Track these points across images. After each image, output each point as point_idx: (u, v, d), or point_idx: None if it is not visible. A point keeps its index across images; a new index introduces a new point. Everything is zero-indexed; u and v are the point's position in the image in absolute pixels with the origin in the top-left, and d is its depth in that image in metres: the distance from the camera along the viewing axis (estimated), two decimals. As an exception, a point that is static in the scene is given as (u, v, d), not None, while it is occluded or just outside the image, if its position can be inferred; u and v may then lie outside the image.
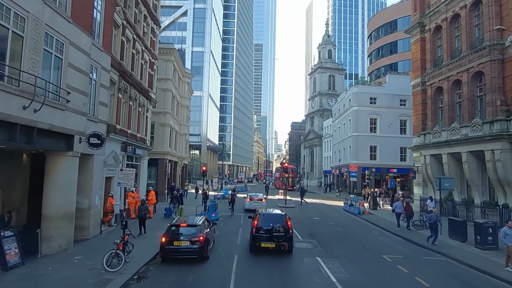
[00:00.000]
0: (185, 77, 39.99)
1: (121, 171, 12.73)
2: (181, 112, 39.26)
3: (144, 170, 23.68)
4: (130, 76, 19.94)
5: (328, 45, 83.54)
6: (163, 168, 31.49)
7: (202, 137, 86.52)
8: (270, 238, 13.25)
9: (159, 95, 31.95)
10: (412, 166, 49.10)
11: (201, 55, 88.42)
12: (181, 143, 39.33)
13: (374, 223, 22.56)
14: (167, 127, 31.91)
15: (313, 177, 79.63)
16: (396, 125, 48.97)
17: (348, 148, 51.80)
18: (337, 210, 30.12)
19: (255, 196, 27.34)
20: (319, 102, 79.35)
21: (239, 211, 26.87)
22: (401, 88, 49.18)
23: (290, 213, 25.45)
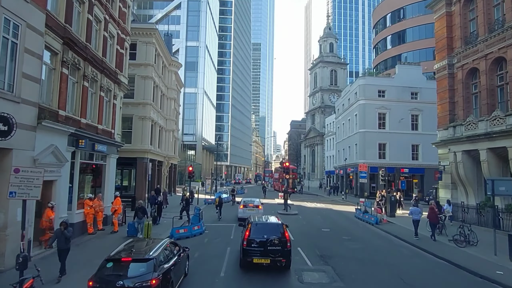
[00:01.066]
0: (172, 66, 35.30)
1: (16, 173, 7.93)
2: (167, 105, 34.57)
3: (110, 172, 18.98)
4: (85, 49, 15.24)
5: (329, 38, 79.00)
6: (142, 168, 26.78)
7: (197, 136, 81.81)
8: (264, 252, 11.23)
9: (138, 83, 27.33)
10: (425, 165, 45.10)
11: (195, 49, 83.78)
12: (167, 140, 34.64)
13: (400, 237, 17.88)
14: (147, 120, 27.22)
15: (315, 177, 75.01)
16: (407, 120, 44.44)
17: (354, 146, 47.19)
18: (348, 217, 25.43)
19: (250, 202, 22.62)
20: (320, 99, 74.79)
21: (231, 220, 22.18)
22: (412, 79, 44.81)
23: (293, 222, 20.92)
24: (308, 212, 27.61)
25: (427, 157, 43.67)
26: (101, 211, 17.03)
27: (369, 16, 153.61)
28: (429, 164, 43.75)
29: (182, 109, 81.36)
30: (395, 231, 19.20)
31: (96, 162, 17.81)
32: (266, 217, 14.07)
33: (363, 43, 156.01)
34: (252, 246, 11.37)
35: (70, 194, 15.16)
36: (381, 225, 21.15)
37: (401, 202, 25.94)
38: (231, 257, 13.38)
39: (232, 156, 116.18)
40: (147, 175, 26.97)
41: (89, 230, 16.08)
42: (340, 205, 34.00)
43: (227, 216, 24.51)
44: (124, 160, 26.66)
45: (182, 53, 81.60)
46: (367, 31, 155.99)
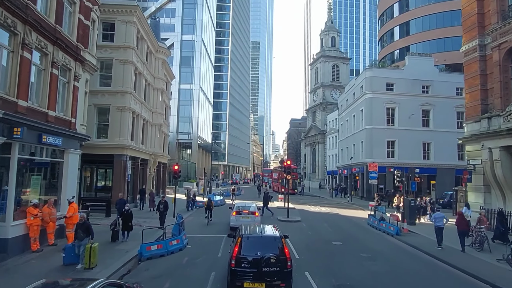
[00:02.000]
0: (160, 53, 31.54)
1: None
2: (153, 97, 30.82)
3: (70, 171, 15.20)
4: (24, 9, 11.49)
5: (331, 31, 75.32)
6: (121, 167, 23.04)
7: (192, 135, 78.06)
8: (258, 275, 8.96)
9: (117, 68, 23.60)
10: (437, 165, 41.42)
11: (191, 44, 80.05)
12: (153, 136, 30.89)
13: (432, 254, 14.16)
14: (126, 111, 23.47)
15: (315, 178, 71.33)
16: (418, 116, 40.81)
17: (360, 144, 43.53)
18: (360, 225, 21.71)
19: (245, 207, 18.82)
20: (321, 95, 71.09)
21: (222, 229, 18.45)
22: (423, 72, 41.24)
23: (296, 232, 17.25)
24: (312, 218, 23.86)
25: (439, 156, 40.17)
26: (53, 221, 13.29)
27: (370, 13, 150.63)
28: (441, 164, 40.21)
29: (177, 106, 78.08)
30: (424, 245, 15.48)
31: (46, 159, 14.05)
32: (261, 228, 10.91)
33: (364, 40, 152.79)
34: (242, 266, 9.07)
35: (4, 200, 11.44)
36: (402, 236, 17.46)
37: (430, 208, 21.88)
38: (216, 286, 9.72)
39: (230, 155, 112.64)
40: (126, 174, 23.24)
41: (32, 247, 12.33)
42: (347, 209, 30.30)
43: (219, 223, 20.81)
44: (100, 157, 23.07)
45: (177, 47, 78.16)
46: (368, 28, 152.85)
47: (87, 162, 23.46)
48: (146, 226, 18.91)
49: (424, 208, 20.47)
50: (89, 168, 23.93)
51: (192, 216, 23.79)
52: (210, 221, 20.86)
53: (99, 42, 23.71)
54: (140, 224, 19.59)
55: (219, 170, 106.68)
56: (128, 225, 15.06)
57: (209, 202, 21.42)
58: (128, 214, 15.04)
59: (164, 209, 18.08)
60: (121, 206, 16.41)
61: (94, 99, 23.28)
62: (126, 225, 15.01)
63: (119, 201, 17.77)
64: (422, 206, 21.15)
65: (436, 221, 15.89)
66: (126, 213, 15.03)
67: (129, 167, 23.23)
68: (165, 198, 18.71)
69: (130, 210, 15.36)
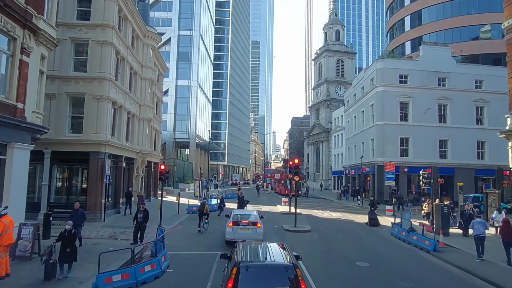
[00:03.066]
0: (148, 38, 28.00)
1: None
2: (140, 87, 27.27)
3: (16, 171, 11.67)
4: None
5: (335, 24, 71.78)
6: (97, 167, 19.49)
7: (190, 134, 74.60)
8: None
9: (93, 51, 20.07)
10: (455, 165, 37.60)
11: (188, 39, 76.66)
12: (140, 132, 27.34)
13: (494, 282, 10.58)
14: (104, 101, 19.91)
15: (319, 178, 67.76)
16: (434, 111, 37.28)
17: (370, 142, 39.97)
18: (383, 236, 18.07)
19: (244, 216, 15.22)
20: (325, 91, 67.56)
21: (215, 244, 14.91)
22: (439, 62, 37.76)
23: (307, 246, 13.74)
24: (324, 227, 20.24)
25: (457, 155, 36.64)
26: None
27: (373, 10, 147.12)
28: (460, 164, 36.61)
29: (174, 103, 74.73)
30: (479, 268, 11.90)
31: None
32: (266, 249, 7.87)
33: (367, 38, 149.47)
34: None
35: None
36: (442, 253, 13.88)
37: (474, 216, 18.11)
38: None
39: (230, 155, 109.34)
40: (105, 175, 19.69)
41: None
42: (360, 215, 26.69)
43: (214, 233, 17.35)
44: (73, 155, 19.58)
45: (174, 43, 74.96)
46: (371, 25, 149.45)
47: (58, 160, 20.00)
48: (123, 239, 15.41)
49: (471, 217, 16.78)
50: (61, 167, 20.38)
51: (182, 225, 20.25)
52: (205, 230, 17.86)
53: (72, 20, 20.31)
54: (117, 236, 16.10)
55: (219, 170, 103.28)
56: (68, 254, 9.92)
57: (202, 207, 18.14)
58: (68, 237, 10.13)
59: (144, 220, 14.49)
60: (77, 219, 12.78)
61: (66, 86, 19.80)
62: (65, 254, 9.89)
63: (74, 213, 13.46)
64: (469, 215, 17.35)
65: (475, 229, 13.06)
66: (67, 235, 10.15)
67: (108, 167, 19.67)
68: (145, 206, 15.11)
69: (74, 230, 10.49)
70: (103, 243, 14.47)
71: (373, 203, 22.88)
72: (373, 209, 22.24)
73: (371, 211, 22.14)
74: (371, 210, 22.29)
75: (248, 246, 8.07)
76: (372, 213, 22.01)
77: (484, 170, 37.19)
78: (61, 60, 19.84)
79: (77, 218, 12.80)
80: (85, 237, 15.46)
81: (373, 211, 22.10)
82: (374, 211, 22.14)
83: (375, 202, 23.36)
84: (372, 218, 21.57)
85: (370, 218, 21.64)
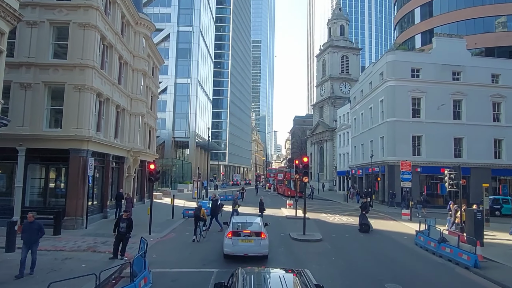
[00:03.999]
0: (141, 26, 25.61)
1: None
2: (132, 79, 24.90)
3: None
4: None
5: (340, 19, 69.38)
6: (79, 166, 17.11)
7: (190, 132, 72.29)
8: None
9: (74, 35, 17.73)
10: (471, 164, 34.65)
11: (188, 35, 74.36)
12: (132, 128, 24.95)
13: None
14: (87, 92, 17.54)
15: (323, 179, 65.31)
16: (448, 107, 34.88)
17: (379, 140, 37.55)
18: (407, 247, 15.45)
19: (245, 225, 12.76)
20: (329, 88, 65.14)
21: (211, 258, 12.51)
22: (453, 55, 35.44)
23: (321, 260, 11.47)
24: (336, 235, 17.79)
25: (473, 154, 34.25)
26: None
27: (376, 8, 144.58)
28: (476, 163, 34.13)
29: (173, 101, 72.40)
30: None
31: None
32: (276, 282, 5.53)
33: (369, 35, 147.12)
34: None
35: None
36: (485, 270, 11.46)
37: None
38: None
39: (231, 155, 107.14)
40: (87, 176, 17.31)
41: None
42: (373, 219, 24.03)
43: (210, 242, 14.92)
44: (52, 153, 17.26)
45: (173, 39, 72.77)
46: (374, 24, 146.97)
47: (35, 159, 17.66)
48: (102, 251, 13.03)
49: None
50: (38, 167, 18.02)
51: (176, 232, 17.86)
52: (203, 238, 15.86)
53: (51, 0, 17.96)
54: (96, 247, 13.73)
55: (219, 170, 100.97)
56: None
57: (198, 211, 15.94)
58: None
59: (127, 230, 12.05)
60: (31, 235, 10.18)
61: (44, 75, 17.45)
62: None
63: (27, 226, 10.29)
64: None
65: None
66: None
67: (91, 166, 17.29)
68: (129, 214, 12.69)
69: None
70: (76, 257, 12.10)
71: (364, 206, 20.05)
72: (364, 213, 19.60)
73: (362, 215, 19.45)
74: (362, 213, 19.61)
75: (251, 278, 5.70)
76: (363, 217, 19.28)
77: (501, 170, 34.86)
78: (38, 45, 17.49)
79: (31, 233, 10.18)
80: (58, 249, 13.13)
81: (364, 215, 19.42)
82: (365, 215, 19.48)
83: (367, 204, 20.48)
84: (363, 223, 18.97)
85: (361, 223, 19.07)
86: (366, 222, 19.18)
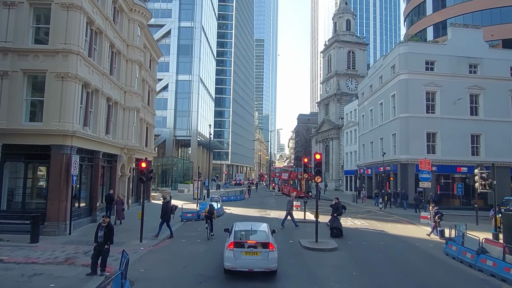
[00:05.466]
0: (135, 13, 23.62)
1: None
2: (126, 70, 22.92)
3: None
4: None
5: (346, 13, 67.22)
6: (61, 165, 15.15)
7: (191, 131, 70.42)
8: None
9: (57, 17, 15.79)
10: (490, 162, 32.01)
11: (189, 31, 72.50)
12: (126, 123, 22.97)
13: None
14: (71, 81, 15.57)
15: (329, 178, 63.19)
16: (465, 102, 32.71)
17: (391, 138, 35.40)
18: (436, 258, 13.28)
19: (251, 234, 10.74)
20: (335, 85, 62.96)
21: (210, 277, 10.44)
22: (470, 47, 33.34)
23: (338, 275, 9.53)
24: (353, 242, 15.67)
25: (491, 152, 31.97)
26: None
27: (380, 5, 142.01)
28: (495, 161, 31.75)
29: (174, 99, 70.53)
30: None
31: None
32: None
33: (374, 33, 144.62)
34: None
35: None
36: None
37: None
38: None
39: (233, 154, 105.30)
40: (71, 176, 15.34)
41: None
42: (390, 223, 22.19)
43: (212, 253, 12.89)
44: (31, 149, 15.35)
45: (174, 35, 70.99)
46: (379, 20, 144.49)
47: (13, 156, 15.72)
48: (83, 264, 11.04)
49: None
50: (16, 165, 16.06)
51: (171, 239, 15.83)
52: (212, 235, 16.05)
53: (31, -22, 15.98)
54: (76, 258, 11.74)
55: (222, 169, 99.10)
56: None
57: (211, 209, 16.26)
58: None
59: (105, 241, 10.00)
60: None
61: (22, 62, 15.51)
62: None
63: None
64: None
65: None
66: None
67: (75, 164, 15.31)
68: (109, 219, 10.71)
69: None
70: (48, 272, 10.11)
71: (336, 208, 17.54)
72: (336, 215, 17.21)
73: (333, 218, 17.10)
74: (333, 216, 17.25)
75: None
76: (335, 220, 17.01)
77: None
78: (17, 29, 15.55)
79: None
80: (29, 261, 11.17)
81: (336, 218, 17.13)
82: (337, 218, 17.16)
83: (339, 206, 17.73)
84: (334, 228, 16.71)
85: (332, 227, 16.81)
86: (338, 226, 16.70)
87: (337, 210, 17.46)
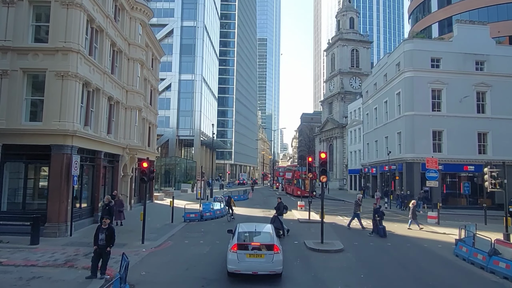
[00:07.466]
0: (136, 11, 23.38)
1: None
2: (127, 69, 22.67)
3: None
4: None
5: (349, 11, 66.65)
6: (61, 165, 14.91)
7: (194, 130, 70.21)
8: None
9: (57, 15, 15.53)
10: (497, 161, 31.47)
11: (192, 30, 72.25)
12: (127, 123, 22.74)
13: None
14: (71, 80, 15.33)
15: (333, 177, 62.70)
16: (471, 99, 32.17)
17: (396, 136, 34.93)
18: (446, 259, 13.00)
19: (255, 236, 10.45)
20: (339, 83, 62.46)
21: (212, 280, 10.11)
22: (476, 44, 32.74)
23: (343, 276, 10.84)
24: (359, 243, 15.28)
25: (498, 150, 31.41)
26: None
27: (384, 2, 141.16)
28: (502, 160, 31.32)
29: (177, 99, 70.36)
30: None
31: None
32: None
33: (378, 31, 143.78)
34: None
35: None
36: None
37: None
38: None
39: (237, 154, 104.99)
40: (71, 176, 15.10)
41: None
42: (395, 223, 21.85)
43: (214, 256, 12.56)
44: (31, 149, 15.11)
45: (176, 34, 70.79)
46: (382, 18, 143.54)
47: (13, 156, 15.51)
48: (83, 266, 10.77)
49: None
50: (16, 166, 15.86)
51: (173, 240, 15.54)
52: (233, 218, 21.36)
53: (30, -25, 15.75)
54: (77, 260, 11.47)
55: (225, 169, 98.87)
56: None
57: (229, 199, 22.11)
58: None
59: (107, 243, 9.70)
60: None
61: (22, 61, 15.29)
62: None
63: None
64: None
65: None
66: None
67: (76, 164, 15.08)
68: (109, 220, 10.43)
69: None
70: (47, 275, 9.85)
71: (278, 207, 16.73)
72: (277, 215, 16.37)
73: (274, 218, 16.19)
74: (274, 216, 16.42)
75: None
76: (275, 220, 15.96)
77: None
78: (16, 27, 15.33)
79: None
80: (28, 264, 10.92)
81: (277, 218, 16.22)
82: (278, 218, 16.24)
83: (280, 206, 16.88)
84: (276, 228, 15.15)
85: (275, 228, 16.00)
86: (279, 226, 15.63)
87: (278, 210, 16.81)
